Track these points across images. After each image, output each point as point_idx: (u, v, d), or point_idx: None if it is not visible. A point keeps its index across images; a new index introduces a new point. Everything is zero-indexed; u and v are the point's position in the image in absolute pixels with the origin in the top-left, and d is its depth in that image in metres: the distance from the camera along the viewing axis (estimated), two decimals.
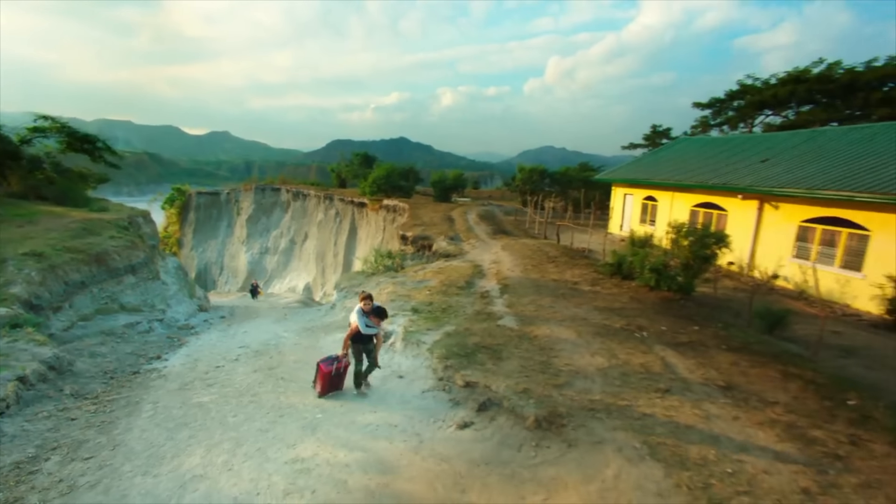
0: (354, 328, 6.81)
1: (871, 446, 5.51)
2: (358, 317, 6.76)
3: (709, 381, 6.97)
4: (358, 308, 6.88)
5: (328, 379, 7.02)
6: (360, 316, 6.77)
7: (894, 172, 12.52)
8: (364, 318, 6.77)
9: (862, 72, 27.34)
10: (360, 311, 6.81)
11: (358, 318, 6.76)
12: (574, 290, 12.15)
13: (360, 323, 6.74)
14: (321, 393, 7.09)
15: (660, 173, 21.81)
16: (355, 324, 6.79)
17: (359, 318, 6.76)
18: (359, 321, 6.74)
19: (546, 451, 5.27)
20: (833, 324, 11.13)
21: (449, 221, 24.88)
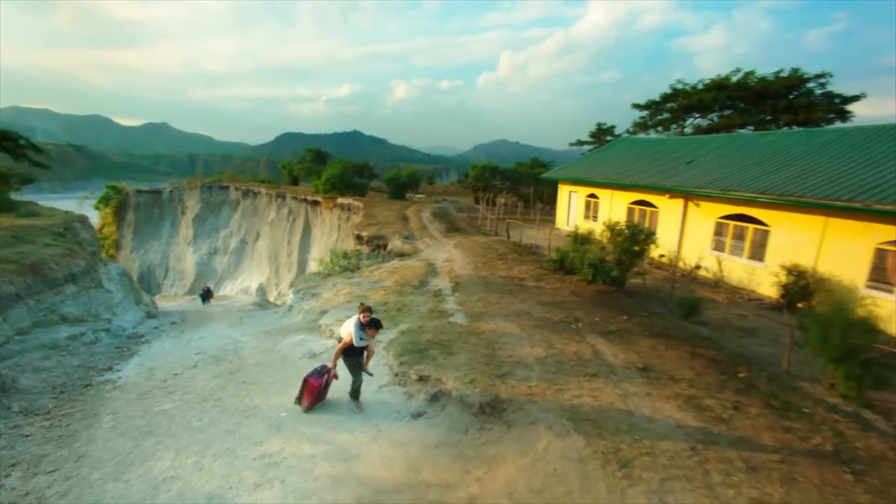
0: (349, 341, 6.60)
1: (748, 409, 6.78)
2: (355, 329, 6.55)
3: (630, 364, 8.10)
4: (356, 321, 6.63)
5: (316, 394, 6.87)
6: (357, 329, 6.55)
7: (787, 176, 14.50)
8: (360, 331, 6.56)
9: (771, 81, 30.64)
10: (357, 324, 6.58)
11: (354, 331, 6.54)
12: (520, 286, 13.17)
13: (355, 336, 6.53)
14: (308, 408, 6.88)
15: (600, 173, 23.45)
16: (349, 337, 6.59)
17: (356, 330, 6.55)
18: (354, 334, 6.54)
19: (489, 432, 6.09)
20: (739, 308, 12.84)
21: (403, 220, 25.40)
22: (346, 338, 6.65)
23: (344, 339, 6.71)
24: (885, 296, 11.44)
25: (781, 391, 7.67)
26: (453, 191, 64.25)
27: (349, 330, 6.65)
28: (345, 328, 6.82)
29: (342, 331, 6.88)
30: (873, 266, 11.75)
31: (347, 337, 6.63)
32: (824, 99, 29.46)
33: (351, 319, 6.83)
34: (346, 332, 6.73)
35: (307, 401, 6.87)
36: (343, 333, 6.80)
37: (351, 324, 6.72)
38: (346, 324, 6.89)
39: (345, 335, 6.74)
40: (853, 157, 14.13)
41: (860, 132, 16.05)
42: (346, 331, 6.75)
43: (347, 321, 6.90)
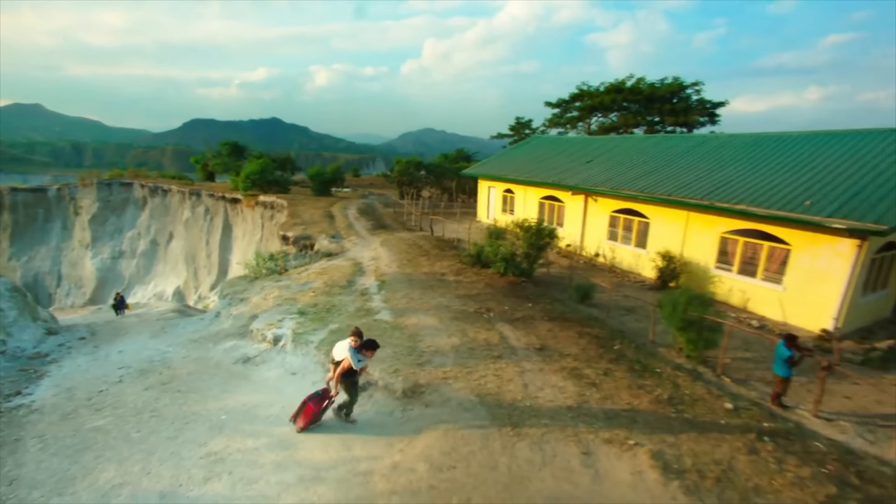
0: (347, 366, 6.82)
1: (615, 374, 8.66)
2: (351, 354, 6.80)
3: (529, 345, 9.74)
4: (349, 346, 6.87)
5: (313, 417, 7.02)
6: (353, 353, 6.81)
7: (662, 176, 17.26)
8: (357, 355, 6.85)
9: (658, 87, 35.06)
10: (351, 349, 6.83)
11: (351, 356, 6.79)
12: (441, 281, 14.49)
13: (353, 360, 6.79)
14: (303, 428, 7.01)
15: (514, 170, 25.48)
16: (348, 362, 6.80)
17: (352, 355, 6.79)
18: (352, 358, 6.78)
19: (410, 412, 7.28)
20: (626, 289, 15.27)
21: (329, 218, 25.62)
22: (344, 363, 6.83)
23: (342, 364, 6.86)
24: (727, 274, 14.38)
25: (644, 357, 9.74)
26: (380, 183, 64.20)
27: (344, 354, 6.86)
28: (340, 351, 7.02)
29: (336, 355, 7.07)
30: (719, 251, 14.66)
31: (345, 362, 6.82)
32: (698, 104, 34.40)
33: (343, 343, 7.05)
34: (340, 357, 6.95)
35: (303, 421, 7.00)
36: (339, 356, 7.00)
37: (344, 348, 6.93)
38: (338, 348, 7.12)
39: (340, 359, 6.93)
40: (709, 161, 17.20)
41: (715, 139, 19.43)
42: (340, 355, 6.97)
43: (339, 345, 7.14)
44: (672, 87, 34.51)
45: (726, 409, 7.77)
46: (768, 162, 15.55)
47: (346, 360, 6.80)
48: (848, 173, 13.16)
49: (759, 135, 18.33)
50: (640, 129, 36.54)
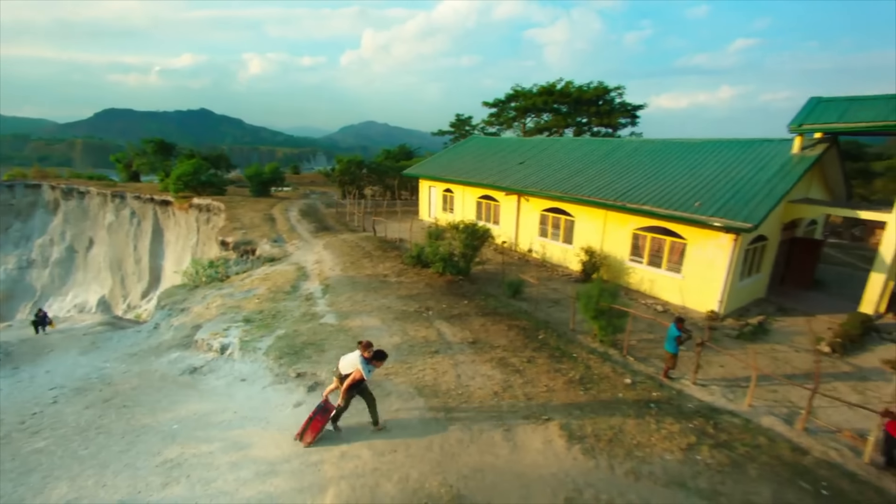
0: (358, 377, 7.04)
1: (538, 361, 9.98)
2: (362, 365, 7.01)
3: (464, 340, 10.84)
4: (359, 357, 7.09)
5: (321, 429, 7.25)
6: (364, 364, 7.03)
7: (584, 178, 19.07)
8: (368, 366, 7.09)
9: (585, 90, 37.77)
10: (362, 360, 7.06)
11: (363, 367, 7.01)
12: (384, 282, 15.26)
13: (364, 371, 7.01)
14: (311, 442, 7.14)
15: (453, 170, 26.57)
16: (359, 373, 7.01)
17: (363, 366, 7.02)
18: (364, 369, 7.01)
19: (355, 406, 8.03)
20: (555, 282, 16.89)
21: (271, 221, 25.35)
22: (355, 374, 7.05)
23: (353, 374, 7.07)
24: (638, 265, 16.40)
25: (563, 344, 11.18)
26: (321, 181, 62.92)
27: (356, 366, 7.08)
28: (347, 364, 7.23)
29: (343, 367, 7.27)
30: (632, 245, 16.64)
31: (356, 373, 7.05)
32: (621, 106, 37.50)
33: (352, 355, 7.29)
34: (350, 368, 7.15)
35: (311, 436, 7.16)
36: (346, 370, 7.21)
37: (355, 360, 7.16)
38: (346, 360, 7.32)
39: (349, 371, 7.15)
40: (622, 165, 19.24)
41: (629, 144, 21.65)
42: (350, 367, 7.18)
43: (346, 359, 7.37)
44: (597, 90, 37.38)
45: (625, 383, 9.33)
46: (669, 167, 17.77)
47: (356, 372, 7.03)
48: (727, 178, 15.50)
49: (663, 141, 20.72)
50: (571, 129, 39.18)
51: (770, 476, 6.81)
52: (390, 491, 6.03)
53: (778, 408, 9.08)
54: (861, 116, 13.82)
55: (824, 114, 14.75)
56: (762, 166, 15.58)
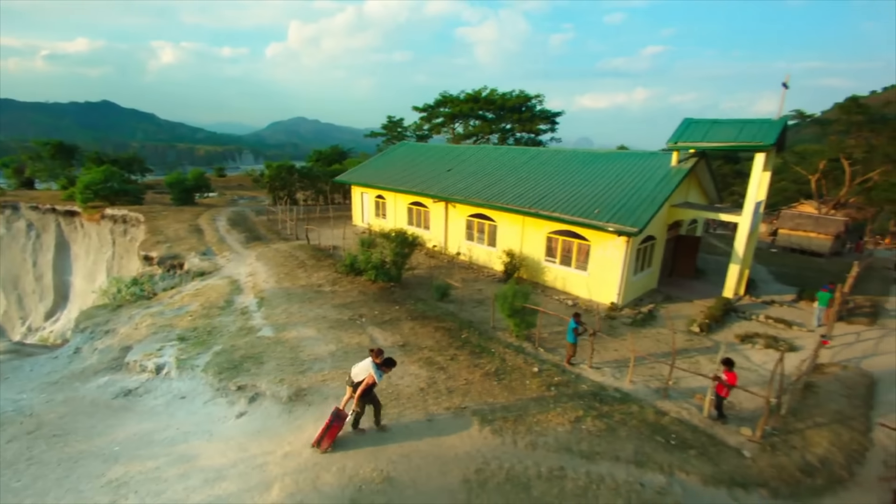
0: (371, 381, 7.66)
1: (460, 358, 11.37)
2: (374, 371, 7.66)
3: (394, 343, 11.97)
4: (372, 364, 7.73)
5: (336, 436, 7.83)
6: (376, 370, 7.67)
7: (505, 186, 20.90)
8: (379, 371, 7.71)
9: (508, 98, 40.30)
10: (374, 366, 7.69)
11: (375, 372, 7.65)
12: (318, 292, 15.93)
13: (376, 375, 7.64)
14: (327, 448, 7.72)
15: (384, 177, 27.45)
16: (372, 378, 7.62)
17: (375, 371, 7.66)
18: (376, 374, 7.65)
19: (295, 412, 8.92)
20: (480, 283, 18.50)
21: (198, 233, 24.63)
22: (368, 379, 7.69)
23: (366, 380, 7.70)
24: (552, 265, 18.49)
25: (484, 341, 12.69)
26: (249, 183, 60.35)
27: (368, 371, 7.73)
28: (360, 371, 7.90)
29: (356, 374, 7.93)
30: (546, 247, 18.70)
31: (369, 378, 7.68)
32: (541, 113, 40.47)
33: (363, 363, 7.98)
34: (363, 374, 7.80)
35: (327, 442, 7.75)
36: (358, 376, 7.88)
37: (367, 366, 7.84)
38: (358, 367, 8.01)
39: (362, 378, 7.80)
40: (537, 174, 21.34)
41: (544, 154, 23.91)
42: (363, 373, 7.84)
43: (359, 365, 8.04)
44: (519, 98, 40.03)
45: (533, 372, 11.00)
46: (576, 175, 20.10)
47: (369, 377, 7.70)
48: (621, 186, 18.00)
49: (572, 151, 23.22)
50: (496, 135, 41.54)
51: (635, 435, 8.72)
52: (330, 480, 7.03)
53: (652, 381, 11.24)
54: (718, 137, 16.80)
55: (693, 133, 17.64)
56: (648, 176, 18.26)
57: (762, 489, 7.85)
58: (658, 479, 7.66)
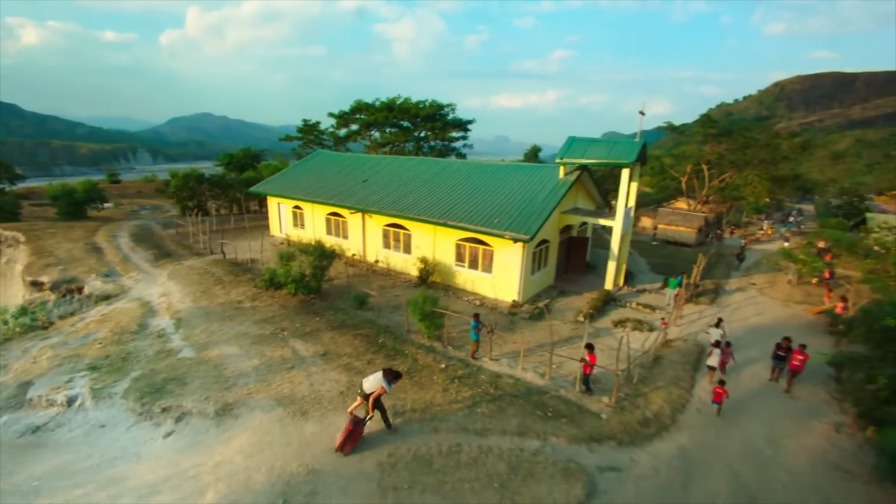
0: (382, 391, 9.37)
1: (376, 360, 12.77)
2: (385, 382, 9.34)
3: (315, 353, 13.04)
4: (382, 378, 9.37)
5: (357, 440, 9.17)
6: (387, 383, 9.37)
7: (416, 198, 22.53)
8: (389, 384, 9.43)
9: (422, 108, 42.09)
10: (387, 381, 9.38)
11: (385, 384, 9.34)
12: (238, 309, 16.32)
13: (387, 386, 9.36)
14: (350, 450, 9.00)
15: (301, 188, 27.72)
16: (382, 389, 9.34)
17: (386, 383, 9.36)
18: (386, 385, 9.35)
19: (223, 426, 9.73)
20: (397, 289, 19.95)
21: (96, 252, 23.08)
22: (379, 389, 9.35)
23: (377, 391, 9.36)
24: (462, 269, 20.52)
25: (399, 344, 14.19)
26: (150, 191, 55.48)
27: (380, 383, 9.38)
28: (373, 384, 9.46)
29: (367, 387, 9.48)
30: (456, 253, 20.68)
31: (380, 389, 9.35)
32: (454, 122, 42.83)
33: (373, 377, 9.55)
34: (376, 386, 9.40)
35: (350, 446, 9.01)
36: (370, 388, 9.44)
37: (378, 379, 9.44)
38: (369, 381, 9.55)
39: (373, 389, 9.40)
40: (447, 185, 23.27)
41: (453, 165, 25.96)
42: (374, 385, 9.43)
43: (368, 380, 9.59)
44: (432, 107, 42.01)
45: (441, 368, 12.75)
46: (481, 186, 22.33)
47: (380, 388, 9.36)
48: (519, 196, 20.51)
49: (478, 164, 25.56)
50: (412, 143, 43.16)
51: (520, 412, 10.80)
52: (260, 479, 8.09)
53: (540, 367, 13.52)
54: (594, 154, 19.91)
55: (575, 151, 20.61)
56: (541, 187, 20.99)
57: (611, 441, 10.30)
58: (534, 444, 9.77)
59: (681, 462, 9.90)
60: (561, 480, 8.68)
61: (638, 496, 8.71)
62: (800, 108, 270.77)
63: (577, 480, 8.72)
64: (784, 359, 13.00)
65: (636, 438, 10.53)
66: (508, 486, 8.36)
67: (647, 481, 9.14)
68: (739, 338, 16.81)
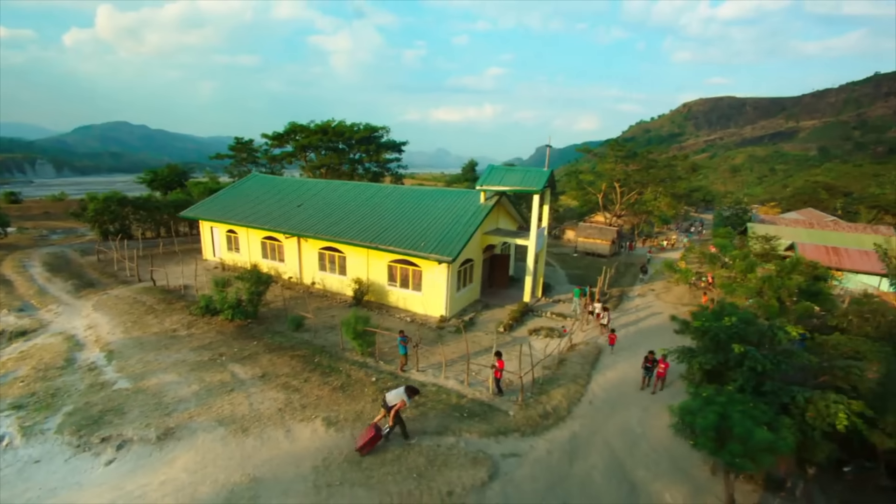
0: (402, 405, 11.11)
1: (312, 379, 13.99)
2: (406, 397, 11.19)
3: (254, 376, 14.00)
4: (403, 393, 11.21)
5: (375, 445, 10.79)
6: (407, 397, 11.22)
7: (350, 223, 23.89)
8: (409, 398, 11.31)
9: (357, 130, 43.51)
10: (407, 395, 11.21)
11: (406, 398, 11.19)
12: (174, 337, 16.70)
13: (407, 400, 11.21)
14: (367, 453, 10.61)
15: (235, 212, 27.94)
16: (403, 402, 11.09)
17: (406, 397, 11.20)
18: (406, 399, 11.19)
19: (167, 449, 10.53)
20: (333, 309, 21.09)
21: (4, 284, 21.85)
22: (400, 403, 11.07)
23: (398, 404, 11.05)
24: (395, 288, 22.13)
25: (334, 362, 15.46)
26: (59, 211, 51.23)
27: (401, 398, 11.14)
28: (394, 397, 11.19)
29: (390, 400, 11.19)
30: (388, 274, 22.27)
31: (401, 403, 11.09)
32: (388, 143, 44.63)
33: (396, 392, 11.33)
34: (397, 400, 11.11)
35: (367, 448, 10.63)
36: (392, 401, 11.12)
37: (399, 393, 11.24)
38: (391, 395, 11.30)
39: (395, 402, 11.07)
40: (379, 210, 24.88)
41: (384, 190, 27.65)
42: (396, 399, 11.14)
43: (393, 392, 11.37)
44: (367, 129, 43.55)
45: (372, 381, 14.23)
46: (410, 210, 24.18)
47: (400, 402, 11.09)
48: (444, 220, 22.59)
49: (408, 188, 27.48)
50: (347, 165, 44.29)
51: (440, 415, 12.58)
52: (206, 490, 9.12)
53: (461, 375, 15.42)
54: (509, 182, 22.54)
55: (493, 178, 23.14)
56: (464, 211, 23.26)
57: (516, 433, 12.36)
58: (450, 440, 11.57)
59: (570, 445, 12.19)
60: (470, 467, 10.53)
61: (532, 474, 10.77)
62: (704, 126, 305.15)
63: (483, 466, 10.62)
64: (651, 369, 15.70)
65: (537, 429, 12.69)
66: (425, 476, 10.06)
67: (540, 462, 11.26)
68: (631, 337, 19.97)
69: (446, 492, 9.65)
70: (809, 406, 8.31)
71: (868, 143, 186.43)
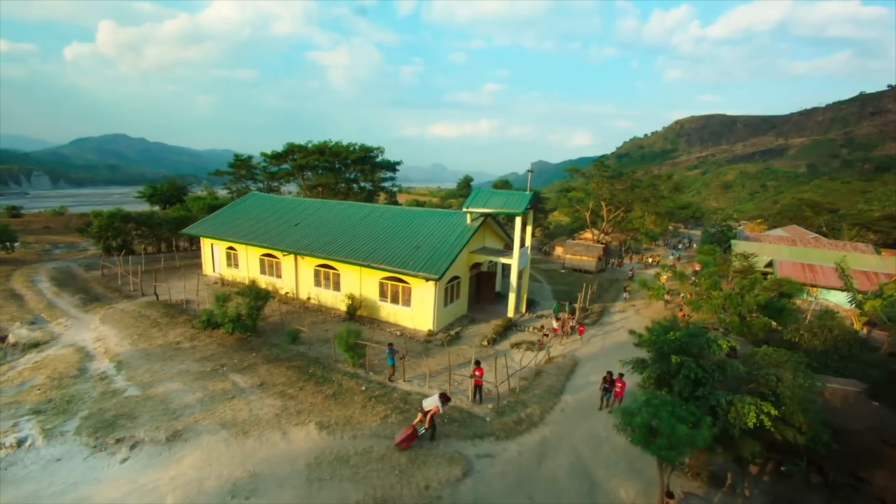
0: (437, 410, 12.56)
1: (306, 387, 15.27)
2: (440, 404, 12.62)
3: (253, 384, 15.26)
4: (437, 399, 12.62)
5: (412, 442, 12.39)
6: (441, 403, 12.64)
7: (344, 241, 25.34)
8: (443, 404, 12.75)
9: (353, 151, 45.34)
10: (441, 402, 12.60)
11: (440, 404, 12.62)
12: (178, 349, 17.96)
13: (441, 407, 12.68)
14: (406, 447, 12.21)
15: (234, 231, 29.35)
16: (437, 408, 12.53)
17: (441, 404, 12.64)
18: (441, 406, 12.67)
19: (175, 449, 11.76)
20: (328, 324, 22.40)
21: (15, 298, 23.07)
22: (434, 409, 12.50)
23: (433, 409, 12.48)
24: (386, 304, 23.50)
25: (327, 373, 16.75)
26: (60, 225, 52.38)
27: (435, 404, 12.55)
28: (430, 403, 12.61)
29: (426, 405, 12.61)
30: (380, 290, 23.66)
31: (435, 409, 12.53)
32: (383, 163, 46.47)
33: (433, 398, 12.75)
34: (432, 406, 12.51)
35: (406, 444, 12.23)
36: (428, 406, 12.55)
37: (434, 400, 12.66)
38: (427, 401, 12.73)
39: (431, 408, 12.49)
40: (372, 230, 26.38)
41: (378, 210, 29.22)
42: (431, 404, 12.55)
43: (430, 399, 12.79)
44: (362, 150, 45.42)
45: (361, 390, 15.52)
46: (400, 230, 25.69)
47: (435, 408, 12.53)
48: (432, 239, 24.09)
49: (400, 209, 29.03)
50: (343, 184, 46.02)
51: None
52: (211, 484, 10.36)
53: (444, 385, 16.73)
54: (493, 204, 24.14)
55: (478, 200, 24.75)
56: (451, 231, 24.78)
57: (491, 437, 13.66)
58: (431, 443, 12.85)
59: (540, 448, 13.49)
60: (446, 465, 11.83)
61: (503, 472, 12.07)
62: (696, 143, 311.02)
63: (458, 464, 11.91)
64: (609, 390, 16.00)
65: (510, 434, 14.00)
66: (406, 472, 11.35)
67: (511, 462, 12.56)
68: (608, 349, 21.37)
69: (424, 486, 10.93)
70: (731, 408, 9.73)
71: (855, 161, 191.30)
